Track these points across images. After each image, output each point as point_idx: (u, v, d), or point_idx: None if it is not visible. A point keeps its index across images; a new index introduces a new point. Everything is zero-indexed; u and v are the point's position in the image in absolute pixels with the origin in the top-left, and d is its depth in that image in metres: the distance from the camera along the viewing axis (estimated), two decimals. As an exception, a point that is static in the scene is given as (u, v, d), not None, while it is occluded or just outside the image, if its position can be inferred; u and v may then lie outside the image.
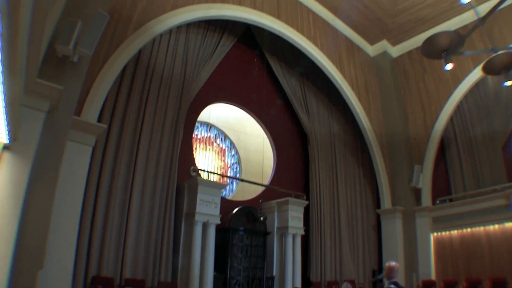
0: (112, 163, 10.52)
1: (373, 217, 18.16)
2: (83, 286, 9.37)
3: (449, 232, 16.20)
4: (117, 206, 10.36)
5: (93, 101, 9.18)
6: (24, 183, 6.13)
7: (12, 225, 5.95)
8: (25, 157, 6.18)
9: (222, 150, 16.72)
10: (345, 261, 16.23)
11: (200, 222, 11.55)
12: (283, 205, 14.55)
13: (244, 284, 13.08)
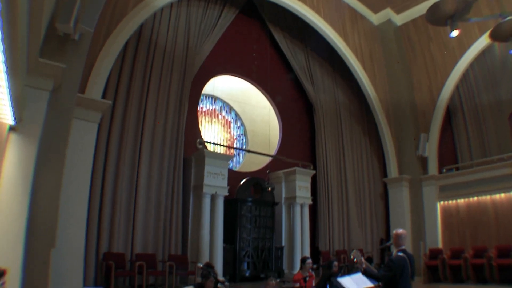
0: (118, 138, 10.58)
1: (380, 186, 18.19)
2: (95, 263, 9.52)
3: (456, 200, 16.21)
4: (125, 181, 10.45)
5: (97, 78, 9.15)
6: (31, 163, 6.17)
7: (22, 205, 6.03)
8: (31, 137, 6.21)
9: (227, 122, 16.71)
10: (353, 230, 16.35)
11: (208, 194, 11.63)
12: (290, 175, 14.60)
13: (253, 255, 13.24)
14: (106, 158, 10.22)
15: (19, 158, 6.05)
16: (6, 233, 5.79)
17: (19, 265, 5.85)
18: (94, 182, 9.44)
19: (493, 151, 15.93)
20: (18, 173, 6.02)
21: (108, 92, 10.29)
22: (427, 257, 15.16)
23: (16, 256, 5.83)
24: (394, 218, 16.79)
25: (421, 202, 16.76)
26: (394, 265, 5.75)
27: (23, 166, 6.08)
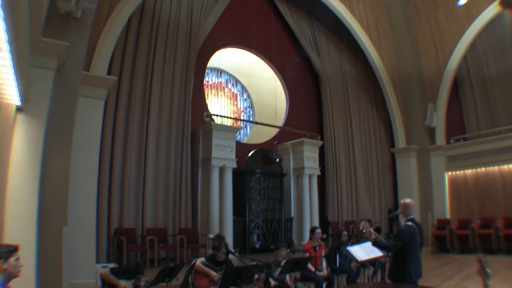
0: (125, 114, 10.58)
1: (388, 156, 18.24)
2: (107, 238, 9.66)
3: (464, 171, 16.25)
4: (133, 157, 10.51)
5: (101, 55, 9.08)
6: (40, 142, 6.21)
7: (33, 184, 6.10)
8: (38, 116, 6.23)
9: (234, 95, 16.65)
10: (361, 201, 16.47)
11: (216, 167, 11.70)
12: (298, 146, 14.62)
13: (263, 226, 13.37)
14: (114, 134, 10.26)
15: (27, 138, 6.09)
16: (19, 213, 5.89)
17: (33, 243, 5.97)
18: (102, 159, 9.50)
19: (501, 122, 15.81)
20: (27, 153, 6.07)
21: (113, 69, 10.23)
22: (435, 227, 15.31)
23: (30, 234, 5.95)
24: (402, 189, 16.91)
25: (428, 173, 16.81)
26: (403, 234, 5.77)
27: (32, 146, 6.13)
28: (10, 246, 3.93)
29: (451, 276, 10.25)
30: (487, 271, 3.51)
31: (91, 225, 8.14)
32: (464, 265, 11.80)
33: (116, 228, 9.88)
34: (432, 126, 16.77)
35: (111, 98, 10.12)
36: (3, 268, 3.77)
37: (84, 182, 8.02)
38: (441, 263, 12.48)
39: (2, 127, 4.68)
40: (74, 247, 7.50)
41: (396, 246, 5.80)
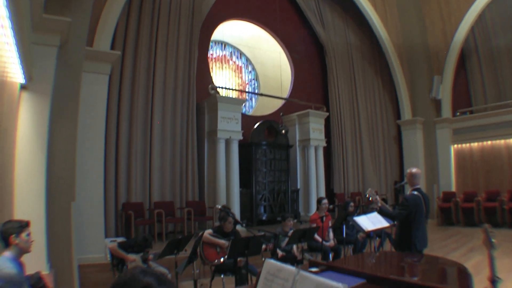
0: (130, 89, 10.56)
1: (394, 128, 18.23)
2: (115, 213, 9.77)
3: (470, 144, 16.24)
4: (139, 131, 10.54)
5: (104, 30, 8.98)
6: (45, 120, 6.21)
7: (40, 161, 6.13)
8: (43, 94, 6.21)
9: (238, 67, 16.55)
10: (367, 173, 16.51)
11: (222, 139, 11.74)
12: (304, 117, 14.60)
13: (269, 198, 13.46)
14: (119, 109, 10.27)
15: (32, 116, 6.09)
16: (28, 190, 5.93)
17: (42, 220, 6.03)
18: (108, 134, 9.53)
19: (508, 95, 15.70)
20: (33, 130, 6.08)
21: (116, 43, 10.15)
22: (440, 199, 15.41)
23: (39, 211, 6.00)
24: (408, 161, 16.91)
25: (434, 145, 16.81)
26: (408, 203, 5.81)
27: (37, 123, 6.13)
28: (21, 222, 3.99)
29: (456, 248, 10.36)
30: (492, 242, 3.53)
31: (99, 200, 8.22)
32: (468, 238, 11.92)
33: (123, 203, 9.98)
34: (438, 99, 16.67)
35: (115, 73, 10.08)
36: (16, 243, 3.84)
37: (91, 157, 8.07)
38: (446, 235, 12.60)
39: (7, 106, 4.69)
40: (83, 223, 7.59)
41: (402, 215, 5.84)
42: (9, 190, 5.38)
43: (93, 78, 8.41)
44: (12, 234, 3.85)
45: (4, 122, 4.59)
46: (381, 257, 4.72)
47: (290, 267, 2.35)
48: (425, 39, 17.14)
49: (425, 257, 4.77)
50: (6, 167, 4.99)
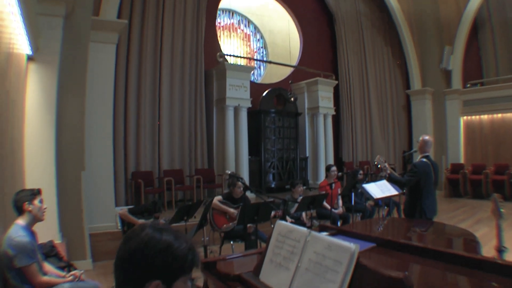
0: (138, 57, 10.49)
1: (403, 98, 18.09)
2: (124, 182, 9.84)
3: (480, 116, 16.12)
4: (147, 100, 10.53)
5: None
6: (53, 90, 6.22)
7: (49, 132, 6.17)
8: (50, 65, 6.19)
9: (246, 35, 16.37)
10: (375, 142, 16.49)
11: (231, 107, 11.72)
12: (313, 85, 14.49)
13: (278, 166, 13.50)
14: (127, 78, 10.23)
15: (40, 87, 6.09)
16: (38, 160, 5.99)
17: (53, 190, 6.11)
18: (117, 104, 9.53)
19: (521, 67, 15.33)
20: (41, 101, 6.10)
21: (123, 12, 10.04)
22: (448, 171, 15.38)
23: (50, 181, 6.06)
24: (417, 131, 16.81)
25: (444, 116, 16.69)
26: (417, 170, 5.81)
27: (45, 94, 6.14)
28: (33, 190, 4.05)
29: (463, 219, 10.41)
30: (501, 211, 3.53)
31: (108, 170, 8.25)
32: (476, 210, 11.98)
33: (133, 172, 10.06)
34: (448, 70, 16.46)
35: (122, 43, 10.00)
36: (29, 209, 3.89)
37: (100, 127, 8.07)
38: (453, 207, 12.66)
39: (14, 77, 4.69)
40: (93, 192, 7.67)
41: (411, 182, 5.84)
42: (19, 161, 5.42)
43: (100, 48, 8.32)
44: (25, 201, 3.89)
45: (12, 94, 4.60)
46: (390, 222, 4.74)
47: (301, 228, 2.36)
48: (436, 8, 16.73)
49: (434, 224, 4.78)
50: (16, 138, 5.02)
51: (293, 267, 2.24)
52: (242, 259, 3.08)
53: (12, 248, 3.62)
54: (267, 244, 2.59)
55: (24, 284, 3.78)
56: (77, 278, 4.19)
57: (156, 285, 1.36)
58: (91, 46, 7.68)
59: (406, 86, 17.95)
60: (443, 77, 16.77)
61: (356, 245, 1.93)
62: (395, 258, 2.78)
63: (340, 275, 1.90)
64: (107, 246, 7.63)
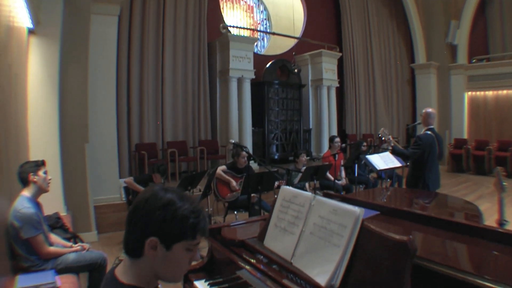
0: (140, 29, 10.38)
1: (408, 72, 18.03)
2: (128, 154, 9.87)
3: (484, 92, 16.06)
4: (150, 72, 10.46)
5: (111, -31, 8.81)
6: (56, 63, 6.19)
7: (52, 105, 6.18)
8: (51, 38, 6.14)
9: (250, 7, 16.15)
10: (379, 115, 16.48)
11: (234, 78, 11.66)
12: (317, 57, 14.40)
13: (282, 137, 13.54)
14: (129, 50, 10.14)
15: (42, 60, 6.07)
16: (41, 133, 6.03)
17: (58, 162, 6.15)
18: (119, 76, 9.49)
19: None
20: (44, 74, 6.08)
21: (124, -17, 9.95)
22: (452, 146, 15.33)
23: (54, 153, 6.11)
24: (421, 105, 16.58)
25: (448, 91, 16.64)
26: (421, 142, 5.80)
27: (48, 67, 6.12)
28: (37, 161, 4.08)
29: (465, 194, 10.43)
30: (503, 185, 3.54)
31: (112, 142, 8.28)
32: (478, 185, 12.02)
33: (136, 144, 10.07)
34: (454, 44, 16.31)
35: (124, 14, 9.88)
36: (34, 180, 3.93)
37: (103, 99, 8.06)
38: (456, 182, 12.69)
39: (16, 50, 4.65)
40: (97, 164, 7.70)
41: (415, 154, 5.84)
42: (23, 134, 5.43)
43: (102, 20, 8.21)
44: (30, 172, 3.93)
45: (15, 67, 4.58)
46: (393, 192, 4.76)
47: (306, 192, 2.37)
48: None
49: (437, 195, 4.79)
50: (19, 111, 5.02)
51: (298, 232, 2.26)
52: (246, 226, 3.11)
53: (18, 220, 3.67)
54: (272, 209, 2.61)
55: (32, 255, 3.85)
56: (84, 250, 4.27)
57: (154, 242, 1.38)
58: (93, 19, 7.59)
59: (411, 60, 17.82)
60: (448, 51, 16.65)
61: (361, 209, 1.94)
62: (399, 226, 2.80)
63: (345, 239, 1.92)
64: (112, 218, 7.73)
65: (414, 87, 17.74)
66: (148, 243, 1.38)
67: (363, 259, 1.86)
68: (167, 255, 1.41)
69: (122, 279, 1.45)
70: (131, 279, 1.44)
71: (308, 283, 2.02)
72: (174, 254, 1.42)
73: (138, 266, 1.45)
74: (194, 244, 1.46)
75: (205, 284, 2.69)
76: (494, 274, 1.81)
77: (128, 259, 1.47)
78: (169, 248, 1.40)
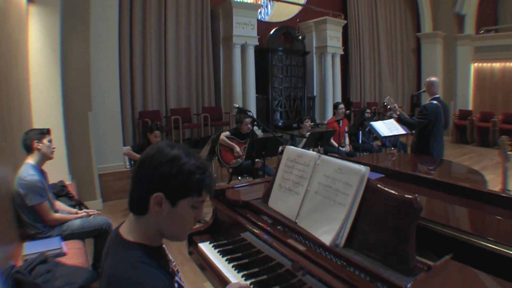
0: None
1: (413, 41, 17.81)
2: (132, 122, 9.84)
3: (491, 64, 15.83)
4: (153, 39, 10.32)
5: None
6: (56, 32, 6.12)
7: (55, 73, 6.15)
8: (51, 7, 6.04)
9: (253, -28, 15.97)
10: (384, 84, 16.37)
11: (238, 45, 11.55)
12: (321, 24, 14.21)
13: (286, 104, 13.49)
14: (131, 17, 9.95)
15: (43, 29, 6.00)
16: (44, 102, 6.03)
17: (61, 131, 6.17)
18: (122, 43, 9.33)
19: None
20: (45, 43, 6.03)
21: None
22: (456, 117, 15.24)
23: (57, 122, 6.12)
24: (426, 75, 16.25)
25: (454, 62, 16.44)
26: (427, 111, 5.78)
27: (49, 36, 6.06)
28: (42, 129, 4.10)
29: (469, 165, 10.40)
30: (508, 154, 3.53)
31: (115, 110, 8.30)
32: (482, 157, 12.01)
33: (140, 111, 10.02)
34: (461, 14, 16.03)
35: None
36: (38, 147, 3.96)
37: (106, 67, 8.03)
38: (460, 153, 12.69)
39: (15, 20, 4.60)
40: (101, 132, 7.75)
41: (421, 123, 5.82)
42: (26, 103, 5.43)
43: (103, -13, 8.14)
44: (35, 139, 3.96)
45: (15, 36, 4.54)
46: (398, 157, 4.75)
47: (311, 152, 2.35)
48: None
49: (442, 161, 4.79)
50: (21, 80, 5.00)
51: (303, 192, 2.26)
52: (251, 187, 3.11)
53: (23, 187, 3.71)
54: (276, 170, 2.60)
55: (38, 223, 3.90)
56: (91, 217, 4.33)
57: (159, 198, 1.38)
58: (94, -14, 7.49)
59: (417, 29, 17.59)
60: (455, 21, 16.38)
61: (366, 167, 1.92)
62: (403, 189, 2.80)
63: (350, 198, 1.91)
64: (116, 185, 7.80)
65: (420, 56, 17.54)
66: (153, 198, 1.37)
67: (368, 218, 1.86)
68: (172, 211, 1.40)
69: (126, 237, 1.44)
70: (135, 236, 1.44)
71: (312, 242, 2.03)
72: (179, 211, 1.41)
73: (143, 224, 1.44)
74: (200, 201, 1.45)
75: (209, 246, 2.72)
76: (496, 236, 1.83)
77: (133, 217, 1.47)
78: (175, 204, 1.39)
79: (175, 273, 1.57)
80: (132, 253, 1.39)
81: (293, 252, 2.01)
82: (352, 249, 1.87)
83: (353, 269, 1.75)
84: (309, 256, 1.91)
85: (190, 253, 2.85)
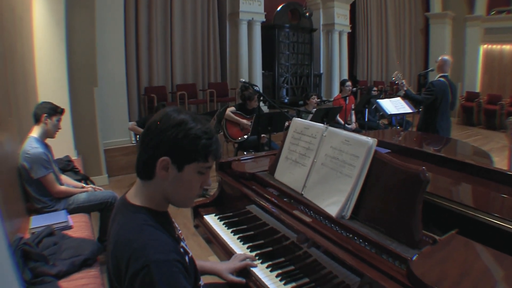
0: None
1: (422, 21, 17.54)
2: (137, 97, 9.81)
3: (501, 46, 15.50)
4: (159, 13, 10.20)
5: None
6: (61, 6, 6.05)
7: (60, 49, 6.11)
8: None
9: None
10: (391, 63, 16.26)
11: (244, 21, 11.43)
12: (329, 1, 14.03)
13: (292, 81, 13.43)
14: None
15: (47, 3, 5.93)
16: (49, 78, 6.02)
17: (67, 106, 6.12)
18: (127, 19, 9.26)
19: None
20: (50, 19, 5.97)
21: None
22: (463, 98, 15.14)
23: (63, 97, 6.09)
24: (434, 55, 16.02)
25: (463, 43, 16.12)
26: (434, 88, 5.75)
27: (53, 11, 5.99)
28: (58, 107, 4.11)
29: (475, 146, 10.41)
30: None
31: (121, 85, 8.29)
32: (488, 139, 11.97)
33: (146, 87, 9.99)
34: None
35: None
36: (46, 122, 3.98)
37: (111, 43, 7.98)
38: (466, 135, 12.65)
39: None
40: (107, 108, 7.75)
41: (428, 100, 5.79)
42: (31, 78, 5.43)
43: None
44: (45, 113, 3.97)
45: (18, 11, 4.51)
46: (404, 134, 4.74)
47: (318, 124, 2.34)
48: None
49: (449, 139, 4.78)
50: (26, 55, 5.00)
51: (309, 164, 2.25)
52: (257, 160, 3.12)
53: (27, 161, 3.73)
54: (282, 142, 2.60)
55: (44, 197, 3.93)
56: (96, 191, 4.36)
57: (165, 162, 1.38)
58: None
59: (426, 9, 17.37)
60: (466, 1, 16.07)
61: (374, 139, 1.91)
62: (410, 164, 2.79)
63: (357, 169, 1.90)
64: (122, 161, 7.83)
65: (428, 37, 17.33)
66: (159, 162, 1.38)
67: (375, 190, 1.85)
68: (179, 176, 1.41)
69: (132, 201, 1.46)
70: (141, 200, 1.45)
71: (318, 214, 2.03)
72: (185, 176, 1.42)
73: (149, 188, 1.46)
74: (206, 167, 1.45)
75: (215, 218, 2.73)
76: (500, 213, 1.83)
77: (140, 182, 1.48)
78: (181, 169, 1.40)
79: (180, 239, 1.58)
80: (138, 216, 1.41)
81: (299, 223, 2.01)
82: (358, 221, 1.87)
83: (359, 241, 1.76)
84: (315, 227, 1.92)
85: (196, 226, 2.87)
